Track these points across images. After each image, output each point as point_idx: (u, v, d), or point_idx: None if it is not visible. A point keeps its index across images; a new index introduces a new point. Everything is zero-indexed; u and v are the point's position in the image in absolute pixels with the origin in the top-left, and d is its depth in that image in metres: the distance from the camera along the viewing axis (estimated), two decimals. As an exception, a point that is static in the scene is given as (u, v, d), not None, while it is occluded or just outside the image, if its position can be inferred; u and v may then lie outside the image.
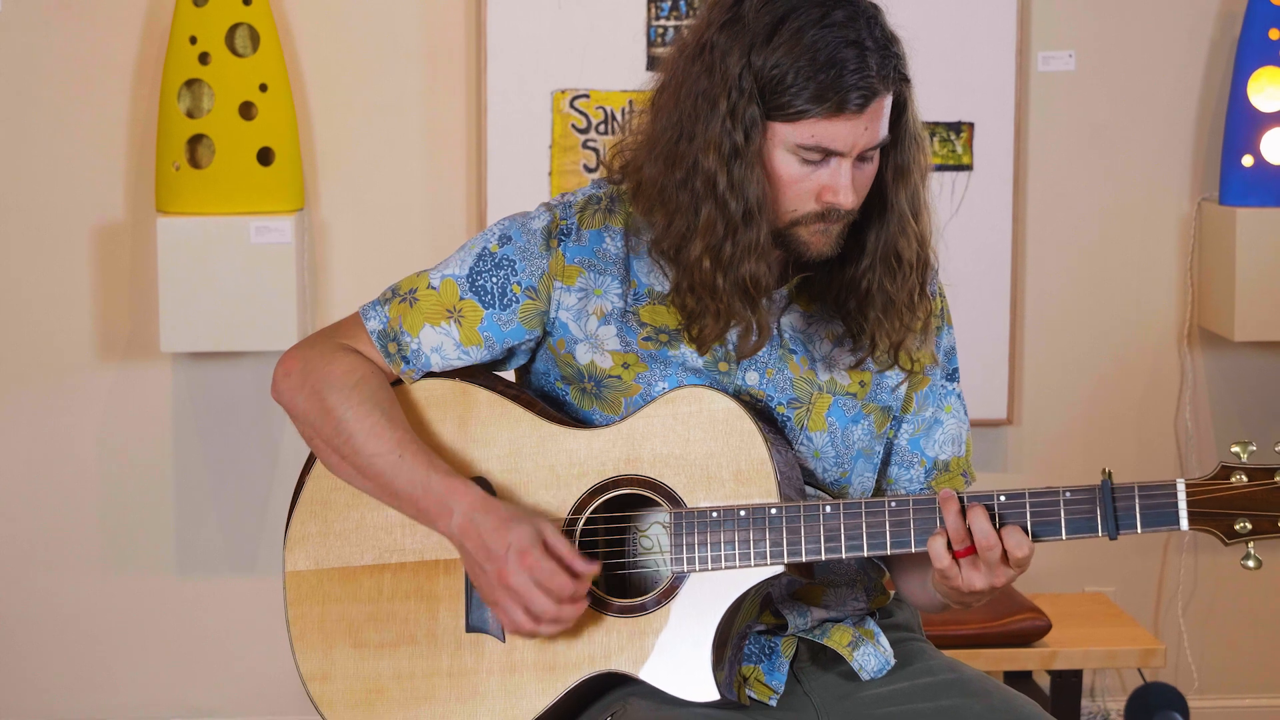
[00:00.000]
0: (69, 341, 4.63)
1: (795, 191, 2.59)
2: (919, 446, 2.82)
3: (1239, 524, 2.55)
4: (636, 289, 2.69)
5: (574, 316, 2.70)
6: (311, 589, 2.76)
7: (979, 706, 2.67)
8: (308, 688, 2.75)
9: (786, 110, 2.54)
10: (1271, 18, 4.50)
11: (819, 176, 2.57)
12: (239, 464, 4.68)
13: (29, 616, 4.70)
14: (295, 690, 4.50)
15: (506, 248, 2.71)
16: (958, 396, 2.83)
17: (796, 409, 2.71)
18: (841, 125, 2.54)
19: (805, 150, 2.56)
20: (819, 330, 2.72)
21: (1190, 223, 4.69)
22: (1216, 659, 4.83)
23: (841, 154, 2.56)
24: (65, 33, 4.54)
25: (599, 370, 2.70)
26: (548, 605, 2.57)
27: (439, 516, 2.64)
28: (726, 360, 2.69)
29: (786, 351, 2.71)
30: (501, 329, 2.71)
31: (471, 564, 2.63)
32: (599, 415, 2.71)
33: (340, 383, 2.69)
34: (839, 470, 2.74)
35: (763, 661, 2.71)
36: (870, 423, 2.76)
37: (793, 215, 2.60)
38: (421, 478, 2.64)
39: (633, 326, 2.69)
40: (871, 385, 2.75)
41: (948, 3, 4.56)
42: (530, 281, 2.70)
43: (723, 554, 2.60)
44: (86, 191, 4.58)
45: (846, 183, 2.56)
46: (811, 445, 2.72)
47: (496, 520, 2.60)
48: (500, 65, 4.52)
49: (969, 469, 2.85)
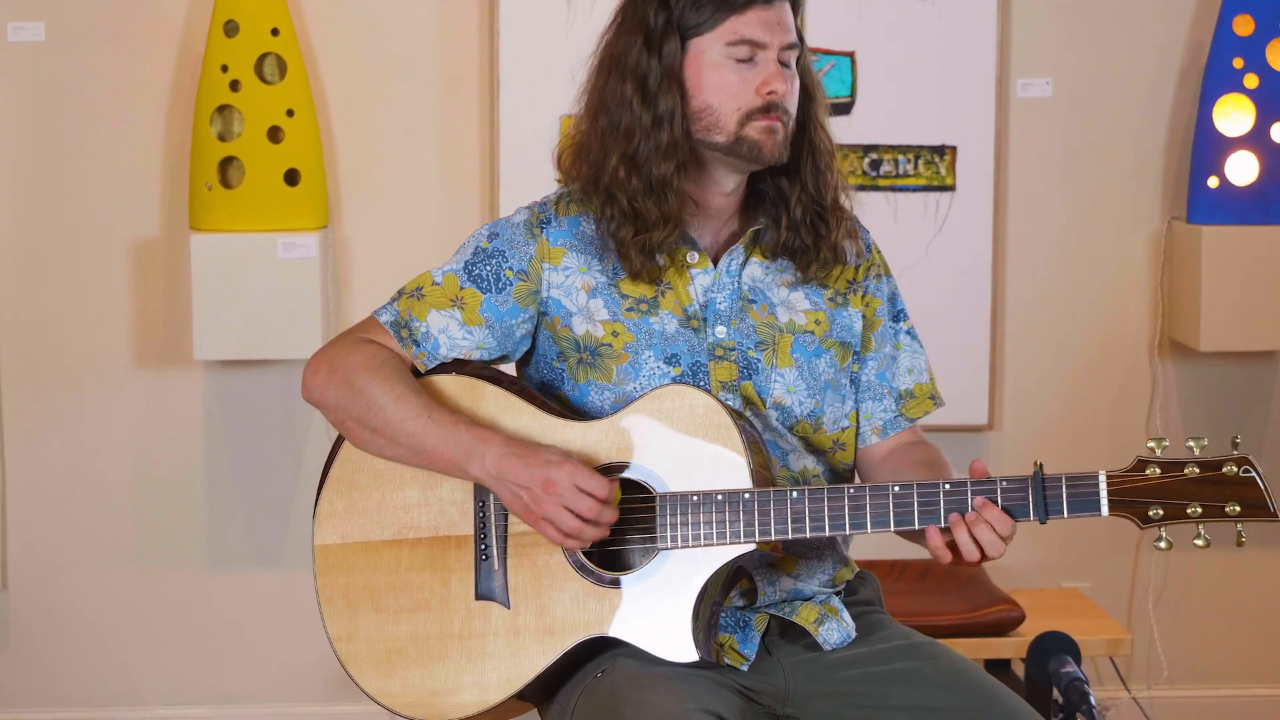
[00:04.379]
0: (107, 350, 4.65)
1: (736, 91, 2.86)
2: (885, 379, 3.04)
3: (1152, 511, 2.70)
4: (615, 264, 2.91)
5: (565, 293, 2.91)
6: (337, 560, 2.90)
7: (928, 669, 2.86)
8: (335, 647, 2.89)
9: (704, 24, 2.85)
10: (1235, 48, 4.55)
11: (753, 74, 2.85)
12: (265, 465, 4.71)
13: (69, 608, 4.72)
14: (316, 678, 4.72)
15: (496, 242, 2.93)
16: (907, 333, 3.06)
17: (764, 350, 2.92)
18: (753, 16, 2.85)
19: (733, 48, 2.85)
20: (774, 279, 2.95)
21: (1160, 240, 4.72)
22: (1185, 651, 4.86)
23: (764, 44, 2.85)
24: (105, 61, 4.57)
25: (594, 339, 2.89)
26: (589, 504, 2.74)
27: (471, 460, 2.80)
28: (696, 319, 2.90)
29: (746, 302, 2.93)
30: (499, 309, 2.91)
31: (511, 494, 2.79)
32: (594, 385, 2.90)
33: (365, 366, 2.87)
34: (812, 402, 2.94)
35: (737, 633, 2.88)
36: (832, 356, 2.97)
37: (739, 114, 2.85)
38: (451, 432, 2.81)
39: (616, 298, 2.90)
40: (828, 323, 2.97)
41: (932, 33, 4.61)
42: (521, 265, 2.91)
43: (701, 533, 2.77)
44: (124, 210, 4.61)
45: (776, 70, 2.86)
46: (784, 381, 2.93)
47: (528, 449, 2.78)
48: (511, 91, 4.57)
49: (936, 393, 3.07)
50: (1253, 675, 4.91)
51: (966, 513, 2.74)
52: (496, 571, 2.86)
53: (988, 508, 2.73)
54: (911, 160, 4.66)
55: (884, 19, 4.59)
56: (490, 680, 2.84)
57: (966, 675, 2.86)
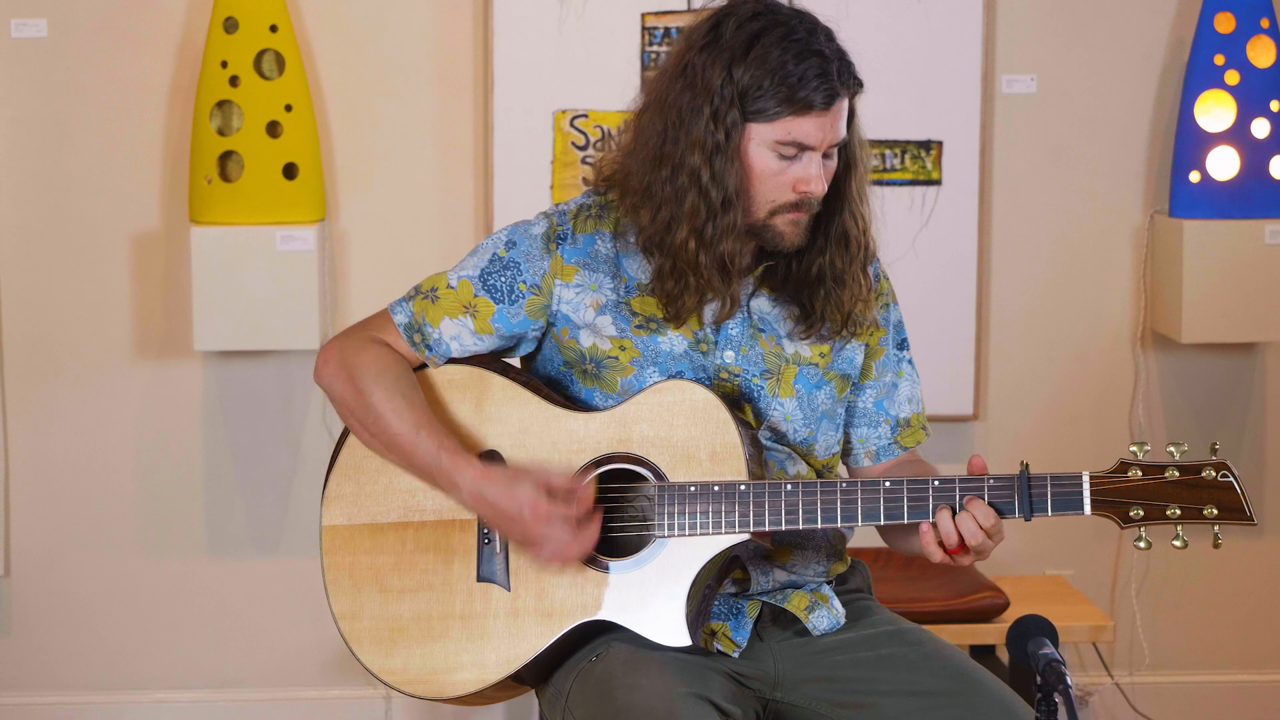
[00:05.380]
0: (109, 340, 4.65)
1: (774, 184, 2.86)
2: (883, 407, 3.08)
3: (1133, 511, 2.78)
4: (627, 283, 2.95)
5: (573, 309, 2.94)
6: (344, 541, 2.96)
7: (914, 654, 2.93)
8: (339, 625, 2.95)
9: (765, 113, 2.83)
10: (1216, 45, 4.56)
11: (793, 170, 2.86)
12: (264, 454, 4.71)
13: (71, 593, 4.72)
14: (314, 662, 4.75)
15: (512, 251, 2.96)
16: (909, 363, 3.10)
17: (768, 379, 2.96)
18: (810, 122, 2.84)
19: (782, 146, 2.84)
20: (782, 312, 2.99)
21: (1143, 234, 4.73)
22: (1166, 638, 4.87)
23: (812, 148, 2.84)
24: (106, 57, 4.57)
25: (600, 352, 2.93)
26: (568, 539, 2.81)
27: (450, 489, 2.88)
28: (705, 342, 2.94)
29: (756, 330, 2.97)
30: (510, 320, 2.95)
31: (493, 525, 2.87)
32: (599, 394, 2.94)
33: (370, 370, 2.93)
34: (806, 430, 2.99)
35: (730, 620, 2.95)
36: (831, 388, 3.01)
37: (771, 205, 2.87)
38: (433, 456, 2.88)
39: (625, 315, 2.94)
40: (832, 356, 3.01)
41: (918, 30, 4.61)
42: (534, 280, 2.95)
43: (698, 522, 2.84)
44: (125, 203, 4.61)
45: (818, 173, 2.86)
46: (783, 410, 2.97)
47: (500, 486, 2.84)
48: (505, 88, 4.58)
49: (925, 424, 3.11)
50: (1231, 661, 4.92)
51: (954, 508, 2.80)
52: (498, 555, 2.92)
53: (973, 502, 2.79)
54: (898, 155, 4.67)
55: (872, 18, 4.59)
56: (489, 660, 2.89)
57: (951, 661, 2.93)
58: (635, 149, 2.94)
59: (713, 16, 2.90)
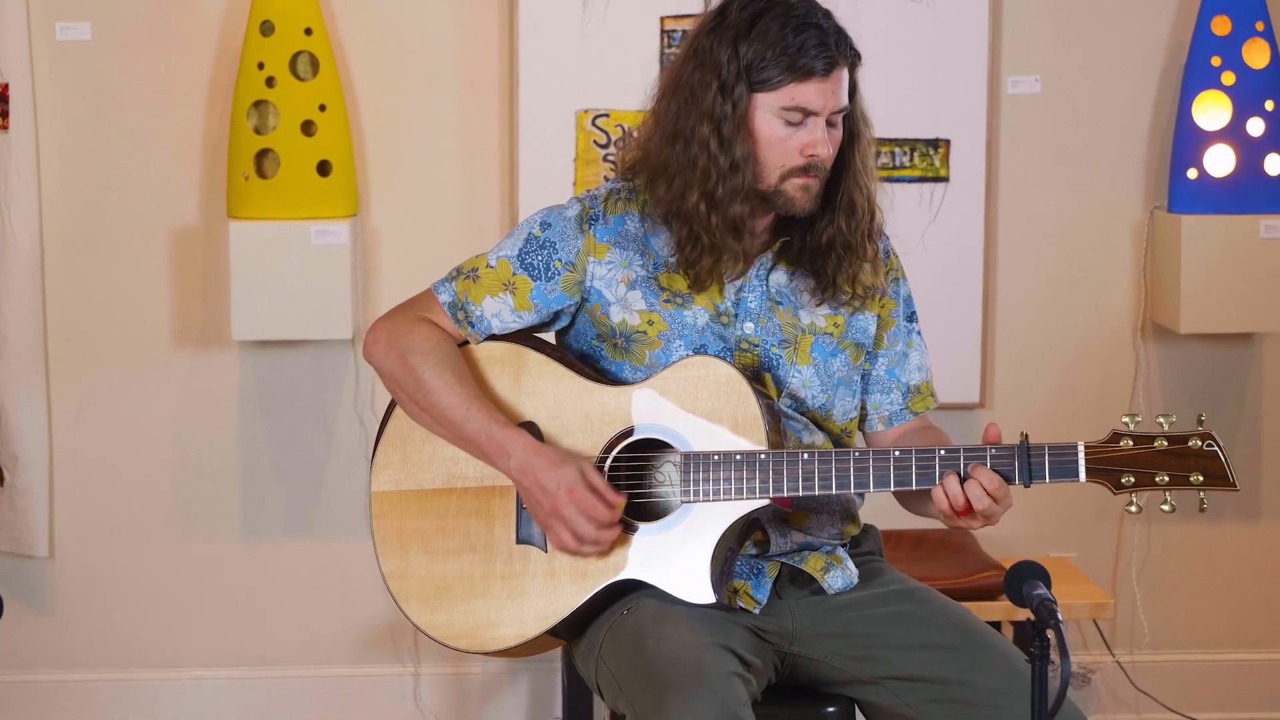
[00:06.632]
0: (149, 331, 4.68)
1: (782, 149, 3.01)
2: (895, 375, 3.22)
3: (1125, 478, 2.89)
4: (655, 259, 3.08)
5: (606, 284, 3.08)
6: (392, 506, 3.08)
7: (921, 611, 3.07)
8: (388, 584, 3.07)
9: (769, 82, 3.00)
10: (1213, 47, 4.59)
11: (800, 135, 3.01)
12: (298, 440, 4.73)
13: (112, 575, 4.74)
14: (345, 641, 4.78)
15: (548, 232, 3.09)
16: (918, 334, 3.23)
17: (786, 349, 3.10)
18: (812, 88, 2.99)
19: (787, 112, 3.00)
20: (799, 285, 3.12)
21: (1143, 229, 4.76)
22: (1166, 617, 4.89)
23: (816, 113, 3.00)
24: (147, 59, 4.60)
25: (629, 327, 3.06)
26: (590, 530, 2.94)
27: (499, 458, 3.00)
28: (726, 315, 3.07)
29: (774, 303, 3.10)
30: (547, 297, 3.08)
31: (528, 496, 2.98)
32: (628, 366, 3.07)
33: (420, 347, 3.05)
34: (824, 396, 3.12)
35: (751, 579, 3.08)
36: (846, 356, 3.14)
37: (782, 170, 3.01)
38: (485, 427, 3.01)
39: (654, 290, 3.07)
40: (845, 326, 3.14)
41: (926, 32, 4.64)
42: (569, 258, 3.08)
43: (721, 488, 2.97)
44: (165, 199, 4.63)
45: (822, 136, 3.01)
46: (801, 377, 3.11)
47: (547, 462, 2.97)
48: (530, 88, 4.61)
49: (934, 391, 3.25)
50: (1229, 640, 4.94)
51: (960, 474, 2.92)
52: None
53: (978, 469, 2.93)
54: (907, 152, 4.70)
55: (881, 21, 4.62)
56: (528, 616, 3.02)
57: (956, 617, 3.06)
58: (654, 131, 3.09)
59: (721, 2, 3.07)
